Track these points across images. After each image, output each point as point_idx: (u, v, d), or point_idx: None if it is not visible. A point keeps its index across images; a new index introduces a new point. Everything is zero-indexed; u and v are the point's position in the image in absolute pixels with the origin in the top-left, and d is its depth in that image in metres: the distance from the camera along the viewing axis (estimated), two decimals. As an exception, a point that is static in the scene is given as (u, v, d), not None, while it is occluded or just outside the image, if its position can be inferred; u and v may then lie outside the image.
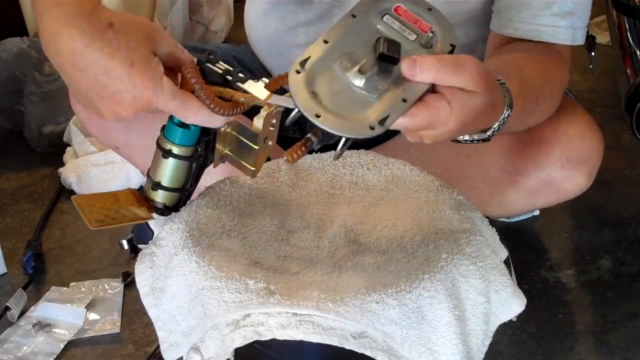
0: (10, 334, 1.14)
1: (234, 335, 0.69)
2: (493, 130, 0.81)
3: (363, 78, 0.68)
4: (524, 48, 0.97)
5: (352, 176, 0.88)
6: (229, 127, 0.78)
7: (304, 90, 0.67)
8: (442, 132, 0.71)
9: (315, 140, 0.69)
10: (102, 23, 0.69)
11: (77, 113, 1.12)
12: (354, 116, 0.67)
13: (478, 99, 0.71)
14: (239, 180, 0.87)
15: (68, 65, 0.71)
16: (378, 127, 0.67)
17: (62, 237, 1.40)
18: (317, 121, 0.66)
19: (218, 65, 0.73)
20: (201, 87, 0.71)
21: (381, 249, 0.76)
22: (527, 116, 0.91)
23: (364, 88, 0.68)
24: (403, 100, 0.68)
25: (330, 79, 0.68)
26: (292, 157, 0.69)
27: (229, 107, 0.72)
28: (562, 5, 0.97)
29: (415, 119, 0.69)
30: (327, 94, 0.67)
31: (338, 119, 0.66)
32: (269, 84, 0.72)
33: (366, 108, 0.67)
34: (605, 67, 1.86)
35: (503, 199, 1.09)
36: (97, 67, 0.69)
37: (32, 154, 1.70)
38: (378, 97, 0.68)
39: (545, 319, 1.15)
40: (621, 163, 1.57)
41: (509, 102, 0.80)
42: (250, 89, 0.72)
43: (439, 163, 1.07)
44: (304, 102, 0.67)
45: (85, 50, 0.69)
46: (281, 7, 1.14)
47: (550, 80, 0.95)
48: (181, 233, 0.77)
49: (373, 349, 0.68)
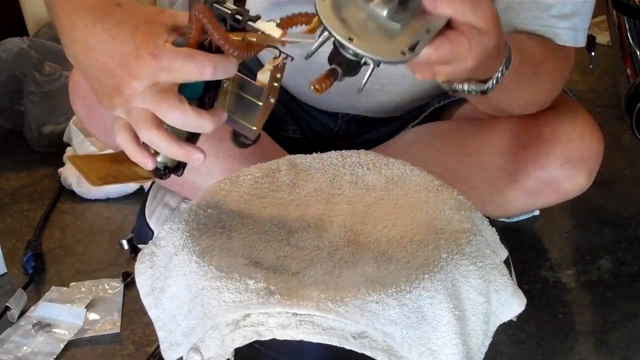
0: (10, 334, 1.14)
1: (234, 335, 0.69)
2: (492, 81, 0.81)
3: (386, 7, 0.68)
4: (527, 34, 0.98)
5: (352, 176, 0.88)
6: (230, 83, 0.76)
7: (333, 16, 0.66)
8: (459, 69, 0.72)
9: (340, 71, 0.68)
10: (112, 3, 0.73)
11: (77, 113, 1.12)
12: (385, 42, 0.67)
13: (490, 39, 0.72)
14: (238, 180, 0.87)
15: (81, 49, 0.73)
16: (409, 53, 0.67)
17: (62, 237, 1.40)
18: (351, 44, 0.65)
19: (226, 5, 0.72)
20: (214, 26, 0.68)
21: (381, 249, 0.76)
22: (524, 81, 0.91)
23: (388, 17, 0.68)
24: (427, 31, 0.68)
25: (354, 8, 0.68)
26: (321, 87, 0.67)
27: (243, 47, 0.70)
28: (562, 7, 0.98)
29: (438, 50, 0.70)
30: (354, 21, 0.67)
31: (370, 43, 0.66)
32: (281, 22, 0.71)
33: (393, 36, 0.67)
34: (605, 67, 1.86)
35: (503, 199, 1.09)
36: (104, 39, 0.71)
37: (32, 154, 1.70)
38: (402, 27, 0.68)
39: (545, 319, 1.15)
40: (621, 163, 1.57)
41: (507, 54, 0.81)
42: (264, 28, 0.70)
43: (439, 163, 1.07)
44: (335, 26, 0.66)
45: (94, 28, 0.72)
46: (280, 6, 1.14)
47: (550, 62, 0.95)
48: (181, 233, 0.77)
49: (373, 349, 0.68)
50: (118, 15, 0.72)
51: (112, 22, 0.71)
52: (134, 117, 0.73)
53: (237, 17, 0.71)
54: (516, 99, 0.97)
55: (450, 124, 1.16)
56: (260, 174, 0.88)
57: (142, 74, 0.70)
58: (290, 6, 1.12)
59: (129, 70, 0.70)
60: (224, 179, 0.87)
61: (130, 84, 0.70)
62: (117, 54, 0.70)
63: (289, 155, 0.93)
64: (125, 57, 0.70)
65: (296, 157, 0.92)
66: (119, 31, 0.70)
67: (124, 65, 0.70)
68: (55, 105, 1.68)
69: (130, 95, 0.71)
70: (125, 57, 0.70)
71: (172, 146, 0.74)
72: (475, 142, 1.09)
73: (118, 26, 0.71)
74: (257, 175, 0.87)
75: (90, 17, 0.72)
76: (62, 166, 1.58)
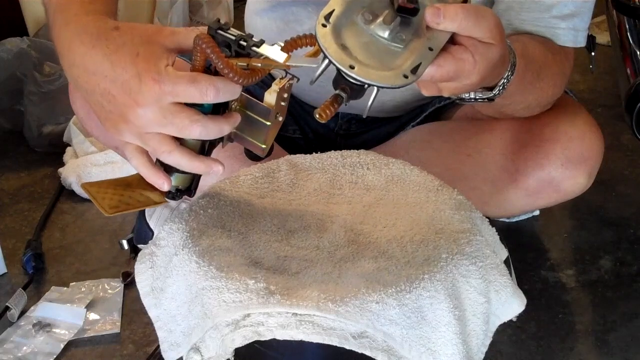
0: (10, 334, 1.14)
1: (234, 335, 0.69)
2: (498, 88, 0.81)
3: (387, 29, 0.67)
4: (528, 36, 0.98)
5: (352, 176, 0.88)
6: (237, 104, 0.76)
7: (333, 43, 0.66)
8: (464, 84, 0.72)
9: (344, 96, 0.68)
10: (109, 27, 0.72)
11: (77, 113, 1.12)
12: (386, 66, 0.66)
13: (495, 51, 0.72)
14: (238, 180, 0.87)
15: (81, 73, 0.73)
16: (411, 75, 0.66)
17: (62, 237, 1.40)
18: (353, 72, 0.65)
19: (230, 32, 0.72)
20: (217, 56, 0.69)
21: (381, 249, 0.76)
22: (528, 86, 0.91)
23: (389, 39, 0.67)
24: (429, 49, 0.68)
25: (355, 31, 0.68)
26: (326, 114, 0.67)
27: (247, 75, 0.70)
28: (562, 7, 0.98)
29: (442, 69, 0.69)
30: (355, 46, 0.67)
31: (371, 69, 0.66)
32: (285, 46, 0.71)
33: (395, 58, 0.67)
34: (605, 67, 1.86)
35: (503, 199, 1.09)
36: (104, 64, 0.70)
37: (32, 154, 1.70)
38: (405, 47, 0.68)
39: (545, 319, 1.15)
40: (621, 163, 1.57)
41: (512, 60, 0.81)
42: (268, 53, 0.71)
43: (439, 163, 1.07)
44: (336, 54, 0.65)
45: (92, 52, 0.71)
46: (282, 6, 1.14)
47: (552, 63, 0.96)
48: (181, 233, 0.77)
49: (373, 349, 0.68)
50: (117, 39, 0.71)
51: (111, 48, 0.70)
52: (151, 143, 0.73)
53: (241, 43, 0.71)
54: (520, 103, 0.97)
55: (451, 124, 1.16)
56: (260, 174, 0.88)
57: (146, 101, 0.69)
58: (292, 6, 1.13)
59: (133, 98, 0.69)
60: (224, 179, 0.87)
61: (135, 111, 0.70)
62: (119, 80, 0.70)
63: (289, 155, 0.93)
64: (128, 83, 0.69)
65: (296, 157, 0.92)
66: (119, 57, 0.70)
67: (127, 92, 0.69)
68: (55, 105, 1.68)
69: (139, 123, 0.71)
70: (128, 84, 0.69)
71: (194, 162, 0.74)
72: (475, 142, 1.09)
73: (118, 52, 0.70)
74: (257, 175, 0.87)
75: (89, 41, 0.71)
76: (62, 166, 1.58)
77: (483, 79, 0.72)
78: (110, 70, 0.70)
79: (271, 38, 1.15)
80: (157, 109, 0.70)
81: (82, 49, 0.72)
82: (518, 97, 0.92)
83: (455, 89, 0.73)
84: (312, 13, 1.10)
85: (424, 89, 0.74)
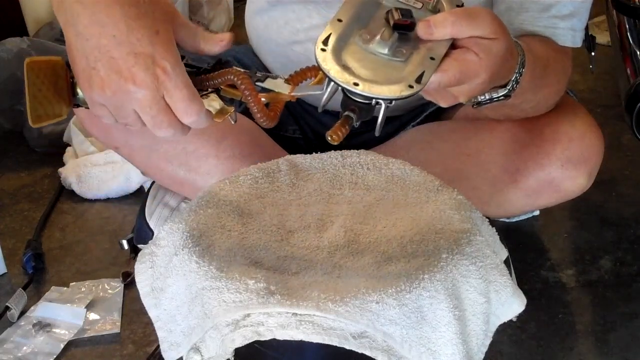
0: (10, 334, 1.14)
1: (234, 335, 0.69)
2: (512, 83, 0.81)
3: (387, 45, 0.68)
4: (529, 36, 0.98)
5: (352, 176, 0.88)
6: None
7: (335, 64, 0.67)
8: (476, 84, 0.72)
9: (354, 117, 0.69)
10: None
11: (77, 113, 1.12)
12: (390, 80, 0.67)
13: (500, 44, 0.72)
14: (238, 180, 0.87)
15: (85, 16, 0.67)
16: (416, 85, 0.67)
17: (62, 237, 1.40)
18: (357, 89, 0.66)
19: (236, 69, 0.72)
20: (254, 100, 0.69)
21: (381, 249, 0.76)
22: (538, 81, 0.91)
23: (390, 54, 0.68)
24: (431, 59, 0.68)
25: (355, 52, 0.68)
26: (337, 136, 0.69)
27: (271, 118, 0.71)
28: (561, 8, 0.98)
29: (447, 73, 0.69)
30: (357, 65, 0.68)
31: (376, 84, 0.66)
32: (292, 79, 0.72)
33: (398, 71, 0.68)
34: (605, 67, 1.86)
35: (503, 199, 1.09)
36: (119, 25, 0.66)
37: (32, 154, 1.70)
38: (406, 60, 0.68)
39: (545, 319, 1.15)
40: (621, 163, 1.57)
41: (521, 54, 0.81)
42: (273, 86, 0.72)
43: (439, 163, 1.07)
44: (338, 74, 0.66)
45: (112, 4, 0.66)
46: (282, 5, 1.14)
47: (554, 61, 0.96)
48: (181, 233, 0.77)
49: (373, 349, 0.68)
50: (141, 5, 0.67)
51: (133, 11, 0.66)
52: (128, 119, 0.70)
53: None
54: (531, 101, 0.97)
55: (451, 124, 1.16)
56: (260, 174, 0.88)
57: (144, 84, 0.67)
58: (292, 5, 1.13)
59: (132, 73, 0.67)
60: (224, 179, 0.87)
61: (126, 86, 0.67)
62: (127, 48, 0.66)
63: (289, 155, 0.92)
64: (136, 58, 0.66)
65: (296, 157, 0.92)
66: (138, 25, 0.66)
67: (130, 64, 0.66)
68: (56, 105, 1.68)
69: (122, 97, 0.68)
70: (135, 58, 0.66)
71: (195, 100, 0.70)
72: (475, 142, 1.09)
73: (138, 19, 0.66)
74: (257, 175, 0.87)
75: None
76: (62, 166, 1.58)
77: (493, 75, 0.72)
78: (124, 33, 0.66)
79: (270, 37, 1.17)
80: (149, 96, 0.67)
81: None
82: (529, 95, 0.93)
83: (469, 91, 0.73)
84: (312, 12, 1.10)
85: (441, 100, 0.74)
